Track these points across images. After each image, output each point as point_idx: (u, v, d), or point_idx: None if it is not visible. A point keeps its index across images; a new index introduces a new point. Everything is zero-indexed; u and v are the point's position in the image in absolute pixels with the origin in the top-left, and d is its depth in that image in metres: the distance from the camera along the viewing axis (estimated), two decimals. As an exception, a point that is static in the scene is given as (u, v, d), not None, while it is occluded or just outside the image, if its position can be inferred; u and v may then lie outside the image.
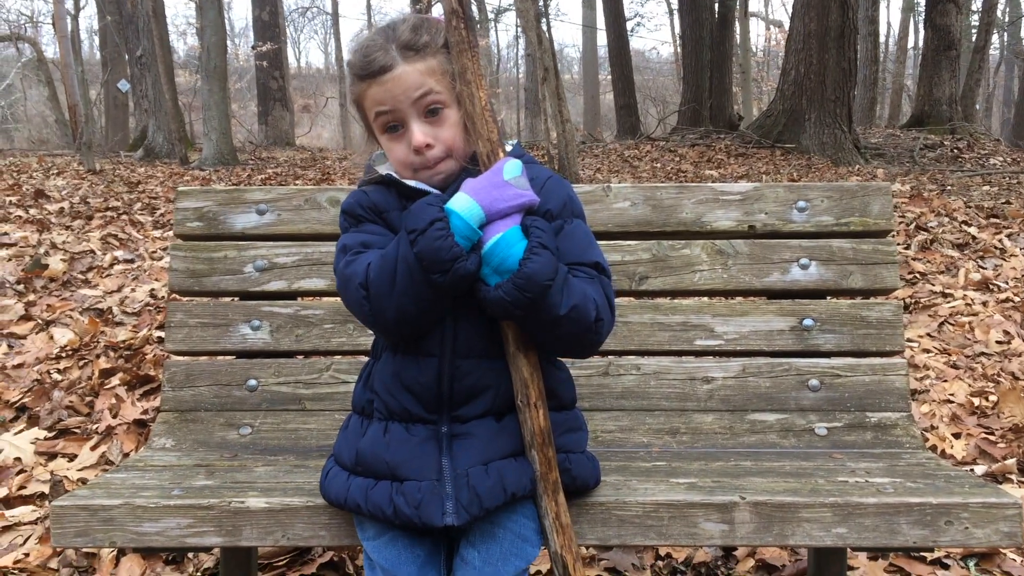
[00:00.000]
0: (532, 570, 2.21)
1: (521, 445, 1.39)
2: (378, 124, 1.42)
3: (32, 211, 7.19)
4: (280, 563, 2.29)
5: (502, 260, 1.27)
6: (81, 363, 3.55)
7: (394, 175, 1.44)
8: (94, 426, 3.05)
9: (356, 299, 1.37)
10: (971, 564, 2.24)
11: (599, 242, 1.96)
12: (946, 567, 2.23)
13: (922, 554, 2.26)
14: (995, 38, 25.42)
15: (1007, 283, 4.75)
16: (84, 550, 2.30)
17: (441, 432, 1.40)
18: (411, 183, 1.42)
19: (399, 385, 1.42)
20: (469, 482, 1.34)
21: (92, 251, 5.52)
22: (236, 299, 2.04)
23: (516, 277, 1.25)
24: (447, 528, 1.36)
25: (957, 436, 2.97)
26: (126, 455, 2.85)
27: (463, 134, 1.40)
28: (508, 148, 1.47)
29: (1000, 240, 5.66)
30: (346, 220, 1.49)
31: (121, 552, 2.29)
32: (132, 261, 5.38)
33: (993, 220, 6.50)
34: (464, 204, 1.29)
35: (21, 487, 2.66)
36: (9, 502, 2.60)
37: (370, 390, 1.47)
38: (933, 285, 4.76)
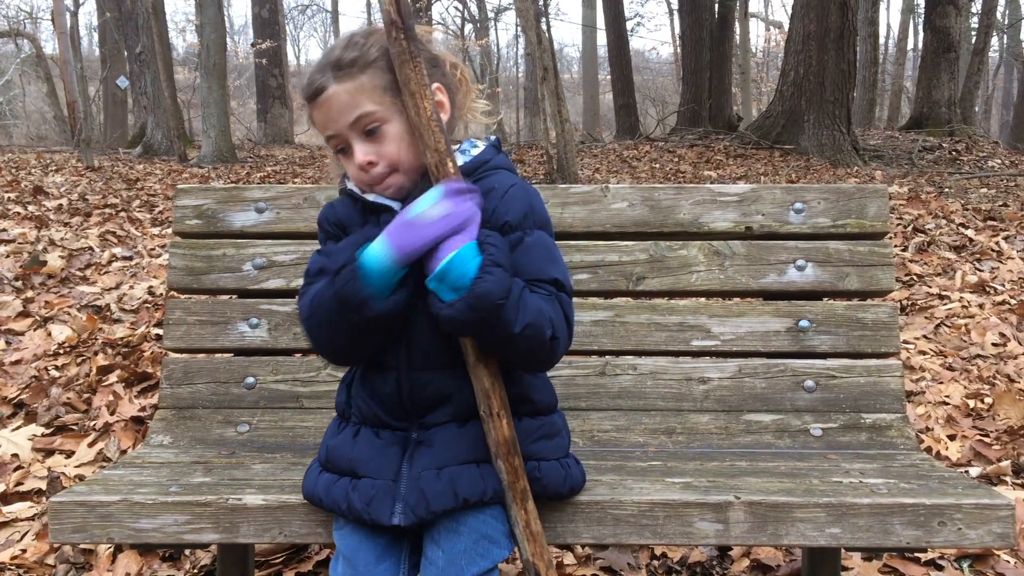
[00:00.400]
0: (512, 573, 2.22)
1: (484, 452, 1.38)
2: (330, 146, 1.44)
3: (30, 207, 7.19)
4: (277, 560, 2.30)
5: (457, 277, 1.24)
6: (79, 360, 3.55)
7: (355, 190, 1.46)
8: (91, 423, 3.06)
9: (305, 330, 1.43)
10: (964, 565, 2.26)
11: (597, 242, 2.00)
12: (940, 568, 2.24)
13: (916, 555, 2.27)
14: (994, 40, 25.44)
15: (1004, 286, 4.76)
16: (81, 546, 2.31)
17: (411, 438, 1.42)
18: (370, 198, 1.44)
19: (368, 393, 1.45)
20: (419, 484, 1.36)
21: (90, 248, 5.52)
22: (234, 297, 2.05)
23: (468, 296, 1.23)
24: (410, 527, 1.40)
25: (952, 438, 2.98)
26: (123, 452, 2.85)
27: (410, 145, 1.37)
28: (478, 149, 1.47)
29: (997, 243, 5.67)
30: (319, 232, 1.54)
31: (118, 548, 2.30)
32: (130, 258, 5.38)
33: (990, 223, 6.52)
34: (376, 249, 1.28)
35: (18, 483, 2.67)
36: (6, 498, 2.60)
37: (348, 395, 1.51)
38: (930, 287, 4.78)
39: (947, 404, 3.26)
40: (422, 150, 1.30)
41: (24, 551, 2.32)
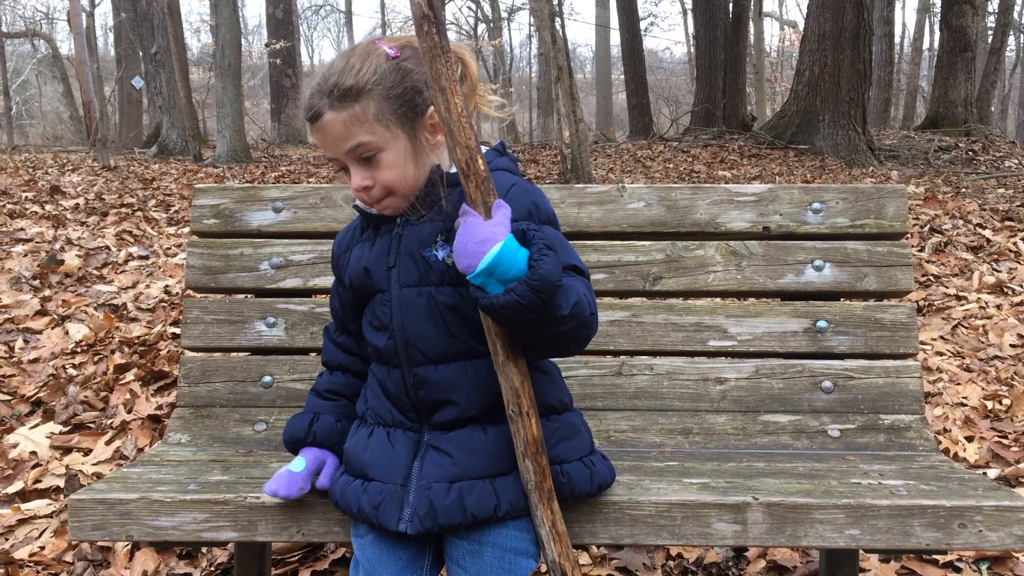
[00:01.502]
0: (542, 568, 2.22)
1: (497, 466, 1.38)
2: (331, 165, 1.47)
3: (48, 207, 7.24)
4: (293, 559, 2.31)
5: (507, 268, 1.22)
6: (96, 358, 3.58)
7: (358, 204, 1.50)
8: (109, 421, 3.08)
9: None
10: (983, 567, 2.24)
11: (613, 242, 1.99)
12: (958, 570, 2.23)
13: (934, 556, 2.26)
14: (1011, 40, 25.25)
15: (1021, 286, 4.72)
16: (99, 544, 2.32)
17: (423, 440, 1.42)
18: (373, 211, 1.47)
19: (380, 393, 1.46)
20: (430, 496, 1.35)
21: (107, 247, 5.56)
22: (252, 296, 2.06)
23: (529, 279, 1.21)
24: (434, 536, 1.40)
25: (970, 439, 2.96)
26: (140, 450, 2.87)
27: (406, 168, 1.39)
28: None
29: (1015, 243, 5.63)
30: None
31: (135, 546, 2.31)
32: (147, 257, 5.41)
33: (1008, 223, 6.46)
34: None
35: (37, 481, 2.69)
36: (25, 496, 2.62)
37: (365, 397, 1.52)
38: (947, 288, 4.74)
39: (965, 405, 3.24)
40: (451, 147, 1.27)
41: (43, 548, 2.34)
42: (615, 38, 23.53)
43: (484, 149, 1.48)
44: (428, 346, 1.40)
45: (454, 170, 1.44)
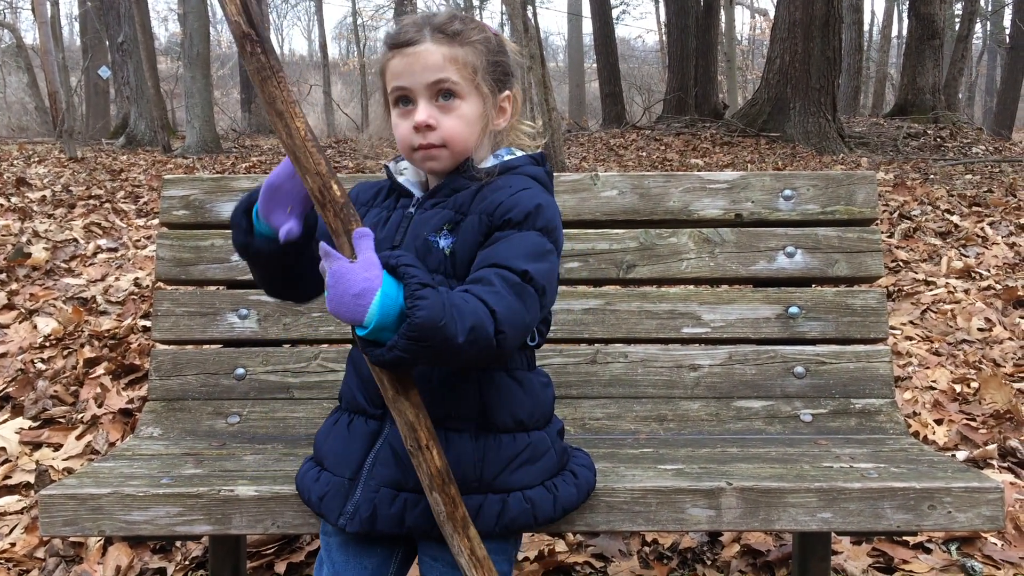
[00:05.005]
0: (519, 556, 2.22)
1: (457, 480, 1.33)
2: (392, 97, 1.42)
3: (13, 199, 7.12)
4: (268, 551, 2.30)
5: (390, 315, 1.14)
6: (65, 352, 3.53)
7: (388, 167, 1.50)
8: (79, 415, 3.04)
9: None
10: (952, 548, 2.28)
11: (587, 230, 2.00)
12: (928, 551, 2.26)
13: (905, 538, 2.29)
14: (978, 27, 25.54)
15: (989, 271, 4.79)
16: (71, 539, 2.29)
17: (383, 432, 1.38)
18: (400, 179, 1.47)
19: (355, 376, 1.45)
20: (375, 500, 1.34)
21: (75, 240, 5.48)
22: (223, 288, 2.04)
23: (408, 332, 1.12)
24: (404, 538, 1.39)
25: (939, 422, 3.00)
26: (112, 444, 2.84)
27: (471, 128, 1.38)
28: (512, 156, 1.45)
29: (982, 228, 5.71)
30: None
31: (108, 541, 2.29)
32: (116, 250, 5.34)
33: (975, 208, 6.56)
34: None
35: (6, 477, 2.65)
36: (-6, 492, 2.59)
37: (345, 382, 1.50)
38: (916, 273, 4.80)
39: (934, 389, 3.29)
40: (301, 175, 1.19)
41: (13, 545, 2.31)
42: (587, 26, 23.53)
43: (519, 154, 1.46)
44: None
45: (486, 165, 1.43)
